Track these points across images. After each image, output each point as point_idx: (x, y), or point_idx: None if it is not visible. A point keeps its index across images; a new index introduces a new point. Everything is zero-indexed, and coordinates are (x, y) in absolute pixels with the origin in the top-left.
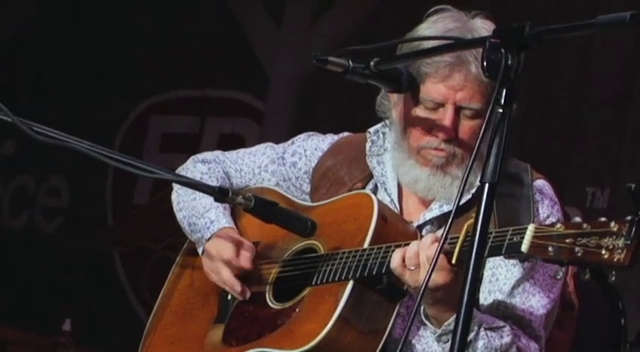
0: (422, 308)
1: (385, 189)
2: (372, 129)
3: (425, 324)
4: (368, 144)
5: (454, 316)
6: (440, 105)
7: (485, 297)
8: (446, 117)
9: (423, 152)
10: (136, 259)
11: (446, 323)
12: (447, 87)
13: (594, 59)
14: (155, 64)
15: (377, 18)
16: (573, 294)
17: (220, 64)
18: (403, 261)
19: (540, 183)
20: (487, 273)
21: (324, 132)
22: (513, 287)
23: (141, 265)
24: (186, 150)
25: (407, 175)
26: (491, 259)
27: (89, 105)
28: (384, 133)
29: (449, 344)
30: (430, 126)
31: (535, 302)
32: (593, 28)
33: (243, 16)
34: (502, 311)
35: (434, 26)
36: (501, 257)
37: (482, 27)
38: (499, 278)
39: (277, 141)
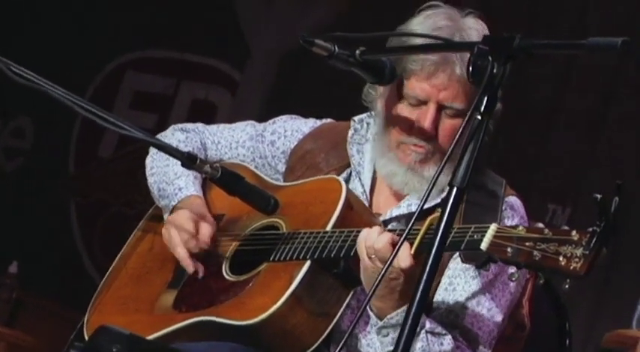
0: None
1: (359, 179)
2: (356, 118)
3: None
4: (350, 132)
5: (397, 311)
6: (423, 102)
7: (439, 304)
8: (427, 115)
9: (402, 147)
10: (91, 211)
11: (388, 317)
12: (431, 85)
13: (572, 79)
14: (138, 20)
15: (368, 6)
16: (527, 317)
17: (204, 30)
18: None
19: (512, 199)
20: (445, 280)
21: (295, 112)
22: (468, 299)
23: (95, 217)
24: (156, 110)
25: (385, 168)
26: (451, 266)
27: (66, 52)
28: (368, 123)
29: (387, 338)
30: (411, 123)
31: (487, 317)
32: (583, 49)
33: None
34: (451, 320)
35: (424, 22)
36: (461, 267)
37: (474, 27)
38: (456, 288)
39: (248, 113)
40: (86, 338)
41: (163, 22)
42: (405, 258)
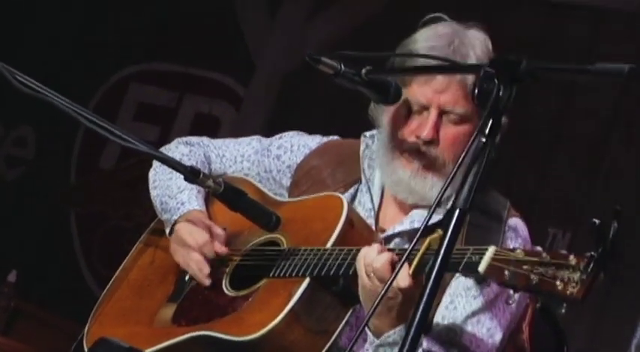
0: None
1: (370, 193)
2: (367, 133)
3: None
4: (362, 146)
5: (394, 329)
6: (425, 108)
7: (438, 322)
8: (429, 120)
9: (405, 155)
10: (91, 222)
11: (386, 335)
12: (431, 89)
13: (576, 103)
14: (143, 33)
15: (373, 25)
16: (527, 342)
17: (209, 44)
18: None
19: (514, 221)
20: (446, 299)
21: (297, 129)
22: (468, 318)
23: (95, 229)
24: (159, 122)
25: (391, 176)
26: (453, 285)
27: (71, 63)
28: (378, 139)
29: None
30: (414, 129)
31: (487, 337)
32: (590, 74)
33: (241, 3)
34: (451, 338)
35: (426, 31)
36: (463, 285)
37: (476, 37)
38: (457, 307)
39: (251, 129)
40: (85, 348)
41: (169, 36)
42: (403, 278)
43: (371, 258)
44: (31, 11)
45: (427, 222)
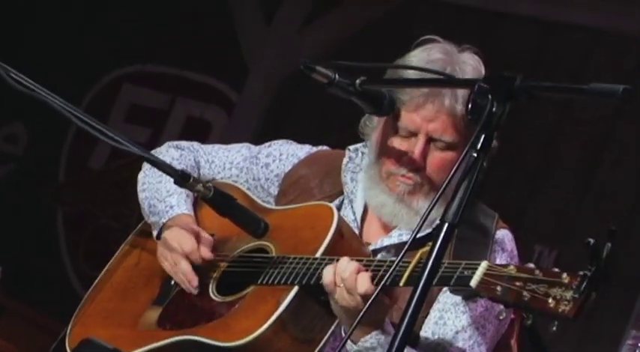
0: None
1: (351, 207)
2: (352, 147)
3: None
4: (345, 160)
5: (370, 334)
6: (413, 134)
7: (427, 337)
8: (416, 146)
9: (391, 178)
10: (78, 221)
11: (362, 340)
12: (420, 117)
13: (568, 121)
14: (138, 34)
15: (371, 32)
16: None
17: (204, 48)
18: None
19: (501, 234)
20: (435, 314)
21: (289, 137)
22: (458, 332)
23: (82, 228)
24: (151, 125)
25: (374, 199)
26: (441, 300)
27: (64, 61)
28: (363, 153)
29: None
30: (401, 154)
31: (476, 351)
32: (583, 94)
33: (237, 8)
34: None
35: (419, 54)
36: (452, 301)
37: (468, 62)
38: (447, 322)
39: (242, 135)
40: (67, 349)
41: (164, 38)
42: (362, 283)
43: (341, 268)
44: (31, 11)
45: (415, 235)
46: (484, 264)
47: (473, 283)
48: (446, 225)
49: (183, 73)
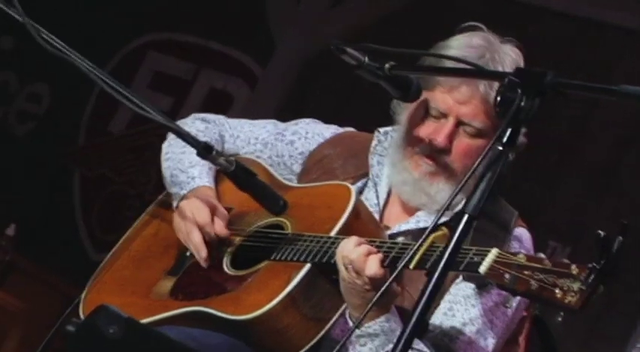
0: (348, 309)
1: (375, 190)
2: (381, 129)
3: None
4: (374, 142)
5: (375, 320)
6: (443, 115)
7: (435, 327)
8: (444, 128)
9: (415, 157)
10: (94, 185)
11: (366, 325)
12: (453, 98)
13: (589, 122)
14: (169, 2)
15: (400, 16)
16: None
17: (232, 21)
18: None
19: (519, 231)
20: (445, 305)
21: (311, 116)
22: (466, 325)
23: (97, 192)
24: (174, 93)
25: (397, 176)
26: (452, 291)
27: (91, 25)
28: (392, 137)
29: (365, 348)
30: (428, 134)
31: (483, 345)
32: (614, 95)
33: None
34: (445, 344)
35: (460, 39)
36: (463, 293)
37: (509, 53)
38: (456, 314)
39: (264, 110)
40: (81, 314)
41: (193, 7)
42: (371, 266)
43: (348, 250)
44: None
45: (436, 223)
46: (494, 251)
47: (482, 269)
48: (466, 216)
49: (209, 44)
